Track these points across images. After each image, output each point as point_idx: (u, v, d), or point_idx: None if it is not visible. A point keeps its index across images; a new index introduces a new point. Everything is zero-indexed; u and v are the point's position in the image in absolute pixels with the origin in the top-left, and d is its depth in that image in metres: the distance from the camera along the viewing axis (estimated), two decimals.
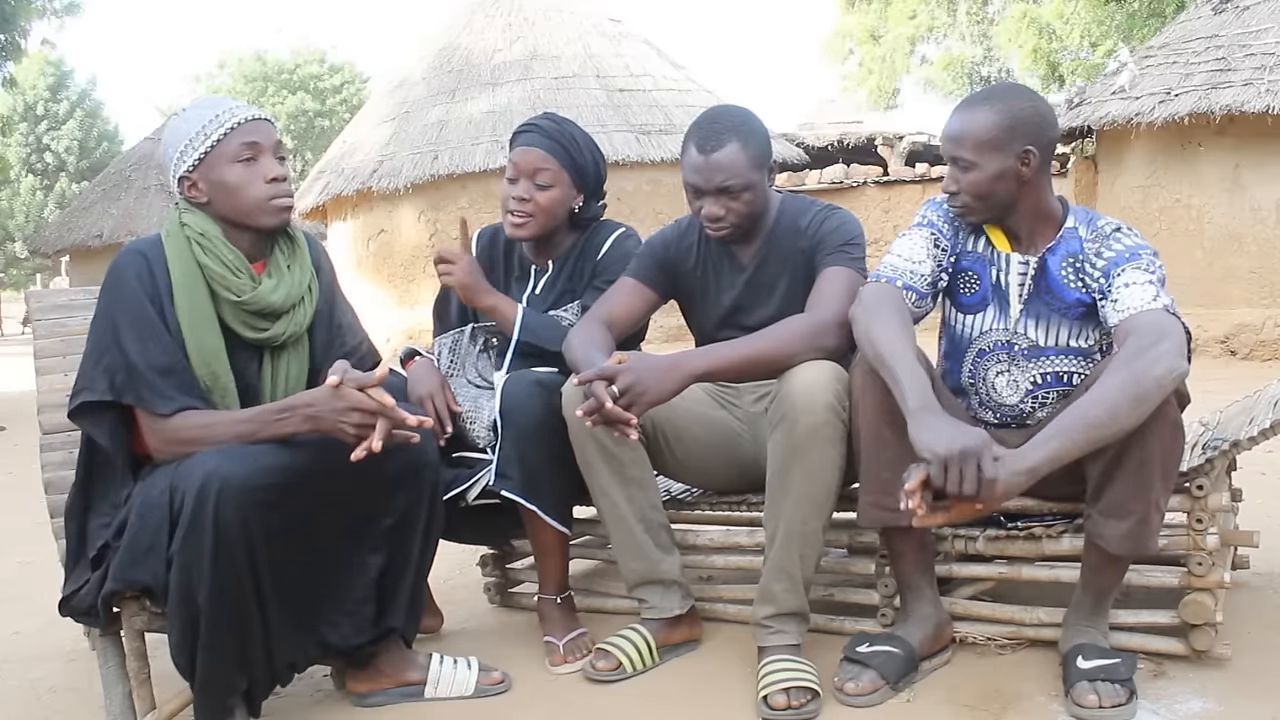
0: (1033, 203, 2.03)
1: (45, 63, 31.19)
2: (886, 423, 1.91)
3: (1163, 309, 1.85)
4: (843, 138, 13.70)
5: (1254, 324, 7.68)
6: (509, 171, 2.45)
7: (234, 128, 1.94)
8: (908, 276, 2.08)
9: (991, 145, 1.97)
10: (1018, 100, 2.01)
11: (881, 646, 1.99)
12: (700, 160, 2.18)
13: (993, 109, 1.98)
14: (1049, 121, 2.02)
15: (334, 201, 11.96)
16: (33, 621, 2.77)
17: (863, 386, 1.95)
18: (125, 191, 19.12)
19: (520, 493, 2.19)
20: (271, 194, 1.96)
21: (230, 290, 1.95)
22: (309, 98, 36.37)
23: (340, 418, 1.82)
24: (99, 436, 1.90)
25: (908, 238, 2.14)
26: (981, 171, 1.98)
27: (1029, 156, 1.97)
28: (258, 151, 1.96)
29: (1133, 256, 1.94)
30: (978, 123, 1.98)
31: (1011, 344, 2.07)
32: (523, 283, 2.55)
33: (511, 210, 2.42)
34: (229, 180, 1.95)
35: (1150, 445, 1.79)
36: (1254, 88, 7.37)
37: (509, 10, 12.20)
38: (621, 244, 2.49)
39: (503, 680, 2.12)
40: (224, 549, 1.73)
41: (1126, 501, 1.83)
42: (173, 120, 2.03)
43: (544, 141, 2.43)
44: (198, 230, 1.96)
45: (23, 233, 31.52)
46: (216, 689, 1.81)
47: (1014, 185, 1.99)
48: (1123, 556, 1.90)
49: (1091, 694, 1.82)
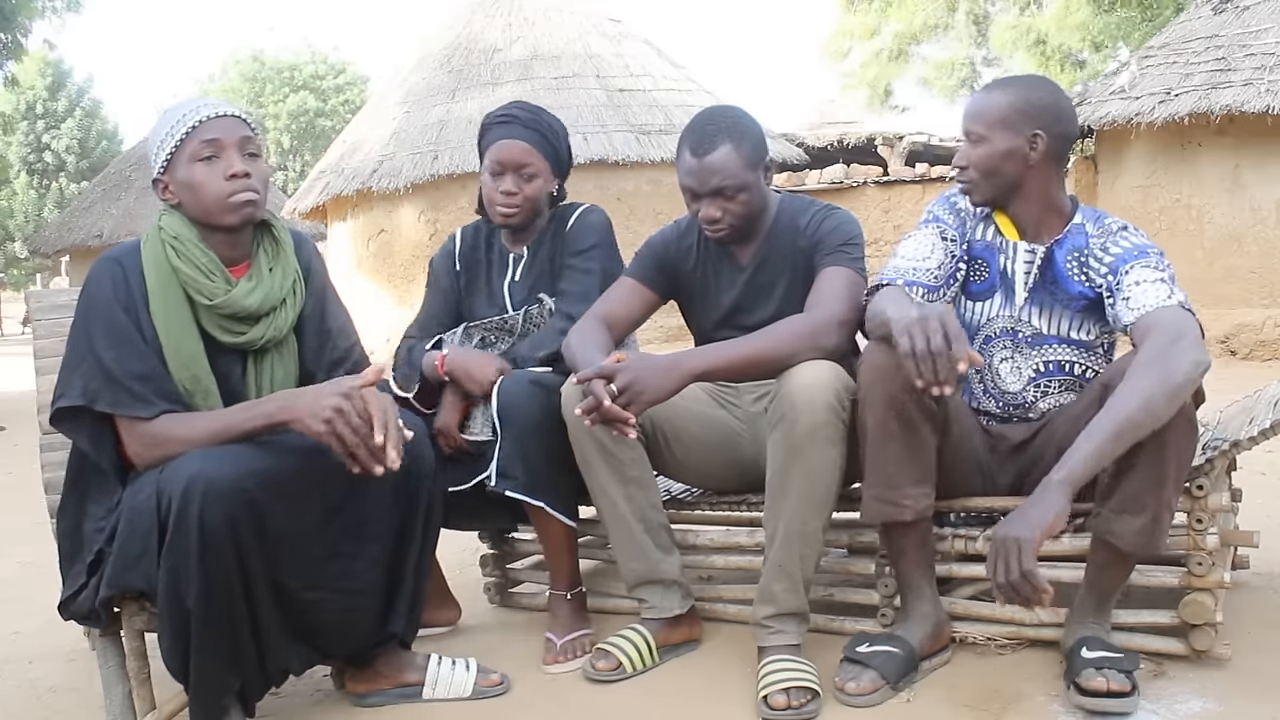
0: (1039, 190, 2.06)
1: (44, 62, 31.15)
2: (894, 415, 1.91)
3: (1178, 305, 1.87)
4: (843, 138, 13.70)
5: (1254, 324, 7.67)
6: (491, 166, 2.46)
7: (195, 126, 1.92)
8: (910, 274, 2.10)
9: (1003, 123, 2.03)
10: (1038, 89, 2.07)
11: (882, 646, 1.99)
12: (694, 163, 2.18)
13: (1012, 91, 2.06)
14: (1065, 115, 2.06)
15: (334, 201, 11.95)
16: (33, 621, 2.77)
17: (870, 379, 1.94)
18: (125, 191, 19.15)
19: (525, 491, 2.19)
20: (230, 190, 1.92)
21: (203, 294, 1.93)
22: (311, 97, 36.38)
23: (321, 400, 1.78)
24: (80, 442, 1.90)
25: (911, 238, 2.16)
26: (991, 146, 2.04)
27: (1037, 140, 2.02)
28: (218, 149, 1.92)
29: (1140, 254, 1.96)
30: (994, 101, 2.06)
31: (1016, 331, 2.11)
32: (503, 272, 2.57)
33: (500, 205, 2.46)
34: (191, 180, 1.93)
35: (1167, 440, 1.78)
36: (1254, 88, 7.37)
37: (509, 10, 12.19)
38: (585, 218, 2.54)
39: (501, 682, 2.12)
40: (211, 551, 1.72)
41: (1142, 496, 1.83)
42: (154, 122, 2.03)
43: (526, 134, 2.46)
44: (172, 234, 1.95)
45: (22, 233, 31.53)
46: (210, 689, 1.81)
47: (1020, 166, 2.04)
48: (1133, 554, 1.90)
49: (1099, 678, 1.82)
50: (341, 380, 1.84)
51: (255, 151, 1.97)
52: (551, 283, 2.51)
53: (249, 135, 1.97)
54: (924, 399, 1.90)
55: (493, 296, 2.56)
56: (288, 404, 1.83)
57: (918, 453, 1.95)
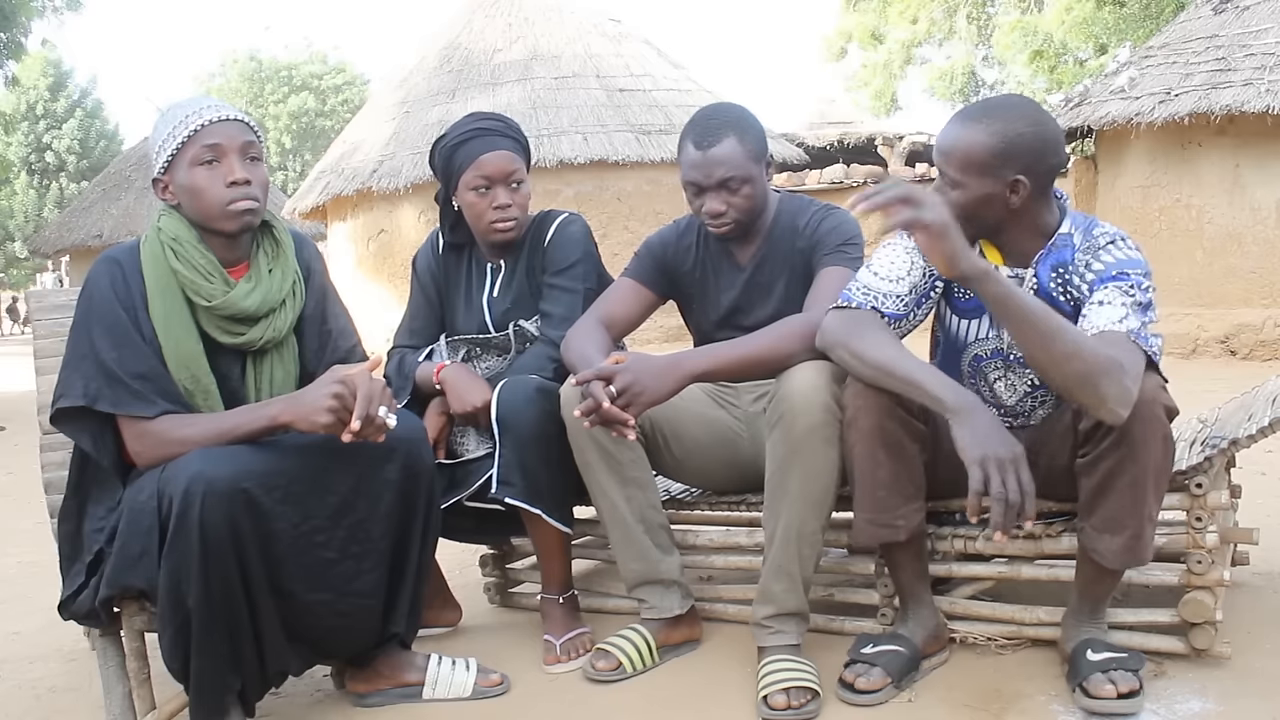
0: (1024, 226, 1.93)
1: (45, 62, 31.18)
2: (881, 444, 1.91)
3: (1125, 332, 1.77)
4: (843, 138, 13.72)
5: (1254, 324, 7.67)
6: (475, 182, 2.36)
7: (197, 130, 1.91)
8: (878, 299, 1.98)
9: (980, 169, 1.86)
10: (1017, 122, 1.86)
11: (887, 646, 2.00)
12: (699, 156, 2.17)
13: (988, 129, 1.86)
14: (1049, 148, 1.88)
15: (334, 201, 11.96)
16: (33, 621, 2.77)
17: (856, 408, 1.91)
18: (125, 191, 19.15)
19: (524, 498, 2.18)
20: (230, 197, 1.92)
21: (201, 295, 1.93)
22: (310, 97, 36.38)
23: (319, 393, 1.80)
24: (82, 442, 1.90)
25: (891, 248, 2.05)
26: (967, 193, 1.87)
27: (1019, 186, 1.86)
28: (219, 154, 1.92)
29: (1118, 276, 1.84)
30: (968, 142, 1.87)
31: (1006, 353, 2.04)
32: (481, 284, 2.51)
33: (496, 222, 2.37)
34: (191, 184, 1.92)
35: (1143, 462, 1.78)
36: (1254, 88, 7.37)
37: (509, 10, 12.20)
38: (565, 230, 2.46)
39: (501, 682, 2.12)
40: (212, 551, 1.72)
41: (1121, 517, 1.83)
42: (156, 120, 2.01)
43: (505, 141, 2.39)
44: (170, 235, 1.95)
45: (22, 232, 31.53)
46: (211, 689, 1.81)
47: (1001, 211, 1.89)
48: (1119, 570, 1.91)
49: (1108, 684, 1.82)
50: (334, 369, 1.86)
51: (257, 155, 1.97)
52: (532, 298, 2.45)
53: (251, 140, 1.96)
54: (913, 422, 1.91)
55: (471, 310, 2.50)
56: (290, 405, 1.84)
57: (906, 473, 1.94)
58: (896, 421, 1.88)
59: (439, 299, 2.56)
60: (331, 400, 1.79)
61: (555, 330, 2.35)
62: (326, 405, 1.79)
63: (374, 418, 1.80)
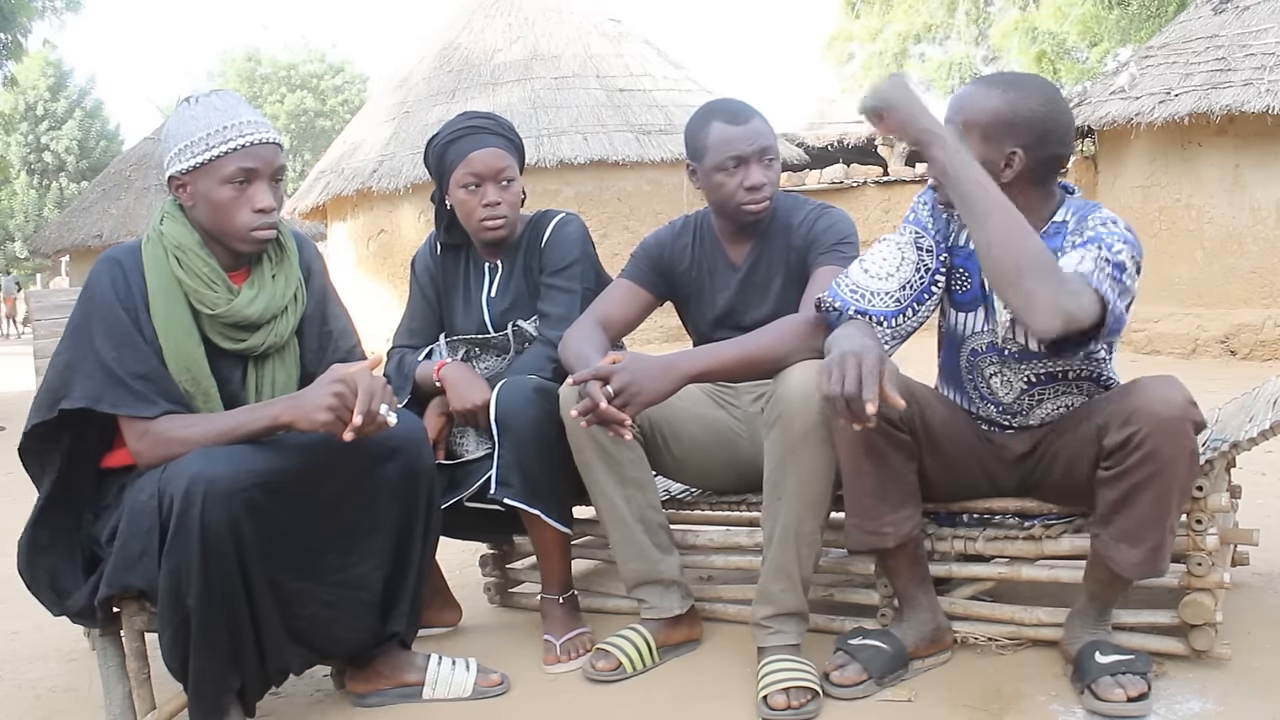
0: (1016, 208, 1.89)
1: (45, 62, 31.17)
2: (864, 454, 1.91)
3: (1079, 273, 1.73)
4: (843, 138, 13.72)
5: (1254, 324, 7.67)
6: (465, 180, 2.36)
7: (236, 149, 1.89)
8: (867, 298, 1.98)
9: (981, 132, 1.87)
10: (1031, 99, 1.87)
11: (871, 641, 2.00)
12: (737, 130, 2.21)
13: (1002, 96, 1.88)
14: (1054, 135, 1.88)
15: (334, 201, 11.95)
16: (32, 621, 2.77)
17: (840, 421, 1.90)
18: (125, 191, 19.12)
19: (522, 499, 2.18)
20: (255, 224, 1.92)
21: (204, 304, 1.93)
22: (309, 97, 36.36)
23: (320, 392, 1.80)
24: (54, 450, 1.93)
25: (885, 243, 2.05)
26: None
27: (1013, 158, 1.87)
28: (253, 177, 1.91)
29: (1094, 239, 1.81)
30: (979, 105, 1.89)
31: (1001, 348, 2.02)
32: (480, 284, 2.51)
33: (486, 219, 2.38)
34: (217, 199, 1.91)
35: (1170, 478, 1.77)
36: (1254, 88, 7.36)
37: (509, 10, 12.19)
38: (562, 230, 2.45)
39: (501, 682, 2.12)
40: (212, 551, 1.72)
41: (1142, 530, 1.82)
42: (182, 108, 1.95)
43: (495, 139, 2.39)
44: (174, 242, 1.94)
45: (22, 233, 31.52)
46: (210, 689, 1.81)
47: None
48: (1133, 579, 1.89)
49: (1117, 688, 1.81)
50: (334, 368, 1.85)
51: (281, 178, 1.98)
52: (530, 298, 2.45)
53: (282, 164, 1.97)
54: (895, 434, 1.91)
55: (470, 310, 2.50)
56: (291, 405, 1.84)
57: (893, 482, 1.94)
58: (877, 432, 1.87)
59: (438, 300, 2.56)
60: (332, 399, 1.78)
61: (553, 330, 2.35)
62: (327, 404, 1.78)
63: (375, 414, 1.79)
